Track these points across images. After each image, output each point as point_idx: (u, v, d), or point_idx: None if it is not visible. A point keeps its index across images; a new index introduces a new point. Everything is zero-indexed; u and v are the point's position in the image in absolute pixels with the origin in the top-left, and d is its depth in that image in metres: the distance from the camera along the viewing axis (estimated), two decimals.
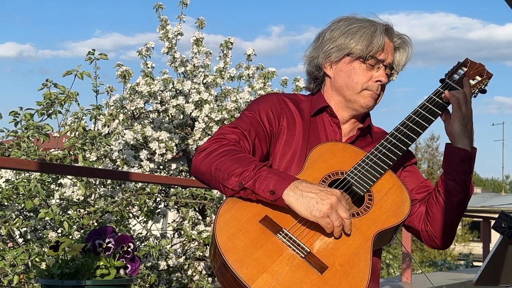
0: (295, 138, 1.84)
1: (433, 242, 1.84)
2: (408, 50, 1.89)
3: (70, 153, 4.67)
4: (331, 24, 1.87)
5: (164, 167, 5.86)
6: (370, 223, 1.65)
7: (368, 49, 1.79)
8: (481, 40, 63.82)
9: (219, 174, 1.65)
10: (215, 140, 1.74)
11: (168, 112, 5.87)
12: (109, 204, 4.95)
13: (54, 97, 4.50)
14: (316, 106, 1.88)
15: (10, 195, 4.25)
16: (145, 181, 4.88)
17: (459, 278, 6.63)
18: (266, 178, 1.59)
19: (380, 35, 1.79)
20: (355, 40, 1.80)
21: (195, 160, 1.74)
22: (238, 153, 1.68)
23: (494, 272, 1.60)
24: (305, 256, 1.55)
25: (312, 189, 1.57)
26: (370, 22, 1.83)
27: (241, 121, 1.82)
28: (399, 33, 1.87)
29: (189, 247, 5.61)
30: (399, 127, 1.80)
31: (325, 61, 1.86)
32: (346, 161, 1.76)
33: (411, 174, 1.91)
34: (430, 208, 1.81)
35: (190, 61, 6.18)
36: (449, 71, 1.88)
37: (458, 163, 1.76)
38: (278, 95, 1.92)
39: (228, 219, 1.59)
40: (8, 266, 3.95)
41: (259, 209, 1.61)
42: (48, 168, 3.85)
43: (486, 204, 26.13)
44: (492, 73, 1.88)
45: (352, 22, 1.83)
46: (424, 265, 17.65)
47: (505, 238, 1.56)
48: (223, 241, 1.55)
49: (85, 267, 1.68)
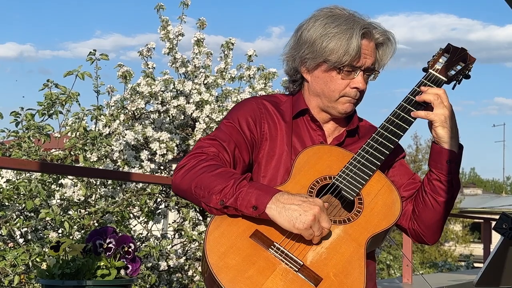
0: (278, 143, 1.80)
1: (421, 239, 1.83)
2: (391, 47, 1.82)
3: (71, 153, 4.67)
4: (309, 21, 1.80)
5: (165, 168, 5.86)
6: (361, 228, 1.63)
7: (344, 58, 1.73)
8: (481, 41, 63.90)
9: (199, 192, 1.62)
10: (193, 155, 1.70)
11: (169, 112, 5.87)
12: (110, 204, 4.95)
13: (55, 98, 4.50)
14: (296, 108, 1.84)
15: (11, 195, 4.25)
16: (145, 182, 4.88)
17: (459, 279, 6.63)
18: (247, 193, 1.56)
19: (356, 42, 1.72)
20: (330, 48, 1.73)
21: (174, 178, 1.70)
22: (217, 168, 1.64)
23: (495, 273, 1.59)
24: (298, 270, 1.53)
25: (294, 200, 1.53)
26: (348, 24, 1.74)
27: (220, 132, 1.78)
28: (382, 29, 1.80)
29: (189, 247, 5.61)
30: (385, 124, 1.76)
31: (302, 66, 1.81)
32: (333, 165, 1.73)
33: (399, 170, 1.88)
34: (417, 207, 1.79)
35: (191, 61, 6.18)
36: (431, 59, 1.83)
37: (444, 163, 1.73)
38: (257, 99, 1.87)
39: (218, 237, 1.56)
40: (9, 266, 3.95)
41: (248, 224, 1.59)
42: (49, 169, 3.85)
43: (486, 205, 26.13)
44: (475, 58, 1.83)
45: (329, 24, 1.75)
46: (425, 266, 17.64)
47: (506, 239, 1.56)
48: (215, 260, 1.52)
49: (86, 267, 1.68)
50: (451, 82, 1.83)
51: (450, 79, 1.81)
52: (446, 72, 1.80)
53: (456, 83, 1.84)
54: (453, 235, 25.79)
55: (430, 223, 1.79)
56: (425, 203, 1.77)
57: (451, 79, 1.82)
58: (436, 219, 1.78)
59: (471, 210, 27.76)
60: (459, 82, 1.85)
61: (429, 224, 1.79)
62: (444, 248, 23.51)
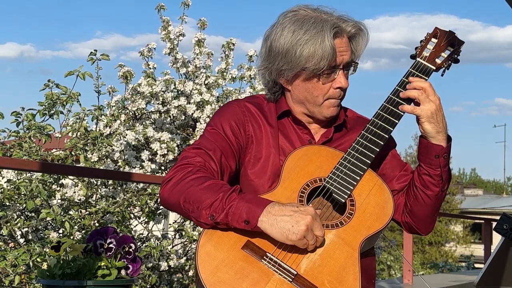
0: (264, 145, 1.77)
1: (415, 231, 1.84)
2: (364, 36, 1.77)
3: (72, 153, 4.67)
4: (276, 28, 1.74)
5: (165, 168, 5.85)
6: (354, 231, 1.60)
7: (321, 64, 1.68)
8: (481, 42, 63.84)
9: (188, 207, 1.58)
10: (180, 167, 1.66)
11: (169, 112, 5.87)
12: (111, 204, 4.95)
13: (56, 98, 4.50)
14: (279, 110, 1.81)
15: (12, 195, 4.25)
16: (146, 182, 4.88)
17: (460, 280, 6.63)
18: (237, 207, 1.52)
19: (329, 44, 1.66)
20: (305, 56, 1.67)
21: (162, 192, 1.66)
22: (205, 180, 1.60)
23: (495, 274, 1.59)
24: (293, 279, 1.51)
25: (285, 211, 1.51)
26: (317, 27, 1.68)
27: (205, 140, 1.74)
28: (352, 20, 1.75)
29: (190, 248, 5.61)
30: (374, 120, 1.72)
31: (279, 78, 1.77)
32: (323, 166, 1.69)
33: (391, 163, 1.85)
34: (408, 201, 1.78)
35: (191, 62, 6.18)
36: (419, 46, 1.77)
37: (433, 158, 1.70)
38: (240, 102, 1.83)
39: (210, 250, 1.54)
40: (10, 266, 3.95)
41: (239, 235, 1.56)
42: (50, 169, 3.85)
43: (487, 206, 26.12)
44: (463, 41, 1.76)
45: (297, 30, 1.69)
46: (425, 267, 17.64)
47: (507, 240, 1.56)
48: (207, 276, 1.50)
49: (87, 267, 1.68)
50: (440, 69, 1.77)
51: (438, 66, 1.75)
52: (435, 59, 1.74)
53: (445, 69, 1.78)
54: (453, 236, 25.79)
55: (422, 216, 1.79)
56: (416, 198, 1.76)
57: (440, 66, 1.75)
58: (428, 212, 1.77)
59: (472, 210, 27.76)
60: (448, 67, 1.78)
61: (421, 217, 1.79)
62: (445, 248, 23.50)
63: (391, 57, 67.80)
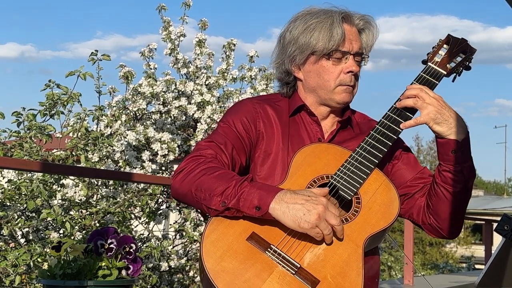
0: (275, 142, 1.79)
1: (439, 234, 1.80)
2: (373, 30, 1.82)
3: (73, 153, 4.67)
4: (289, 24, 1.82)
5: (166, 168, 5.86)
6: (359, 228, 1.61)
7: (330, 44, 1.74)
8: (481, 43, 63.64)
9: (200, 195, 1.60)
10: (192, 158, 1.69)
11: (170, 113, 5.87)
12: (111, 205, 4.95)
13: (56, 98, 4.50)
14: (293, 105, 1.84)
15: (12, 195, 4.25)
16: (147, 182, 4.88)
17: (461, 281, 6.63)
18: (249, 194, 1.54)
19: (338, 26, 1.74)
20: (315, 37, 1.74)
21: (174, 182, 1.68)
22: (217, 170, 1.63)
23: (496, 275, 1.59)
24: (296, 272, 1.52)
25: (297, 199, 1.52)
26: (326, 14, 1.77)
27: (217, 134, 1.78)
28: (360, 14, 1.81)
29: (190, 248, 5.61)
30: (383, 121, 1.74)
31: (292, 65, 1.81)
32: (330, 163, 1.71)
33: (405, 164, 1.85)
34: (431, 200, 1.76)
35: (192, 62, 6.19)
36: (431, 51, 1.79)
37: (449, 153, 1.70)
38: (253, 100, 1.87)
39: (215, 240, 1.55)
40: (10, 266, 3.95)
41: (245, 227, 1.57)
42: (50, 169, 3.86)
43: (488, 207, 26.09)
44: (475, 48, 1.79)
45: (308, 19, 1.78)
46: (426, 268, 17.63)
47: (508, 240, 1.55)
48: (211, 265, 1.51)
49: (87, 267, 1.68)
50: (451, 74, 1.79)
51: (449, 71, 1.77)
52: (446, 65, 1.76)
53: (456, 75, 1.80)
54: None
55: (446, 216, 1.75)
56: (438, 195, 1.74)
57: (451, 71, 1.78)
58: (451, 210, 1.74)
59: (473, 211, 27.74)
60: (459, 74, 1.81)
61: (445, 217, 1.76)
62: (445, 249, 23.49)
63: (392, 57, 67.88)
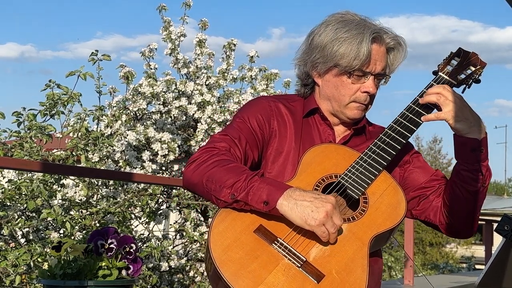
0: (287, 141, 1.81)
1: (454, 234, 1.81)
2: (402, 52, 1.84)
3: (73, 153, 4.67)
4: (320, 27, 1.82)
5: (166, 168, 5.86)
6: (366, 227, 1.63)
7: (354, 62, 1.74)
8: (481, 43, 63.56)
9: (210, 186, 1.62)
10: (205, 150, 1.71)
11: (170, 113, 5.87)
12: (111, 205, 4.95)
13: (57, 98, 4.50)
14: (308, 107, 1.86)
15: (13, 195, 4.25)
16: (147, 182, 4.88)
17: (461, 281, 6.63)
18: (258, 188, 1.56)
19: (366, 46, 1.73)
20: (341, 52, 1.74)
21: (186, 171, 1.71)
22: (229, 163, 1.65)
23: (496, 275, 1.59)
24: (301, 266, 1.54)
25: (306, 197, 1.54)
26: (358, 29, 1.75)
27: (231, 128, 1.80)
28: (393, 34, 1.82)
29: (191, 248, 5.61)
30: (392, 125, 1.77)
31: (312, 70, 1.83)
32: (340, 163, 1.74)
33: (418, 167, 1.87)
34: (448, 200, 1.77)
35: (193, 62, 6.18)
36: (442, 63, 1.84)
37: (469, 152, 1.71)
38: (269, 98, 1.89)
39: (222, 231, 1.57)
40: (10, 266, 3.95)
41: (253, 219, 1.59)
42: (51, 169, 3.86)
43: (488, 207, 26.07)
44: (485, 62, 1.83)
45: (340, 29, 1.76)
46: (426, 268, 17.64)
47: (508, 241, 1.55)
48: (218, 254, 1.53)
49: (87, 267, 1.68)
50: (461, 85, 1.84)
51: (459, 82, 1.82)
52: (456, 76, 1.80)
53: (466, 87, 1.85)
54: None
55: (463, 215, 1.77)
56: (456, 195, 1.75)
57: (461, 82, 1.82)
58: (469, 210, 1.76)
59: None
60: (469, 86, 1.85)
61: (462, 216, 1.77)
62: (446, 250, 23.49)
63: None
